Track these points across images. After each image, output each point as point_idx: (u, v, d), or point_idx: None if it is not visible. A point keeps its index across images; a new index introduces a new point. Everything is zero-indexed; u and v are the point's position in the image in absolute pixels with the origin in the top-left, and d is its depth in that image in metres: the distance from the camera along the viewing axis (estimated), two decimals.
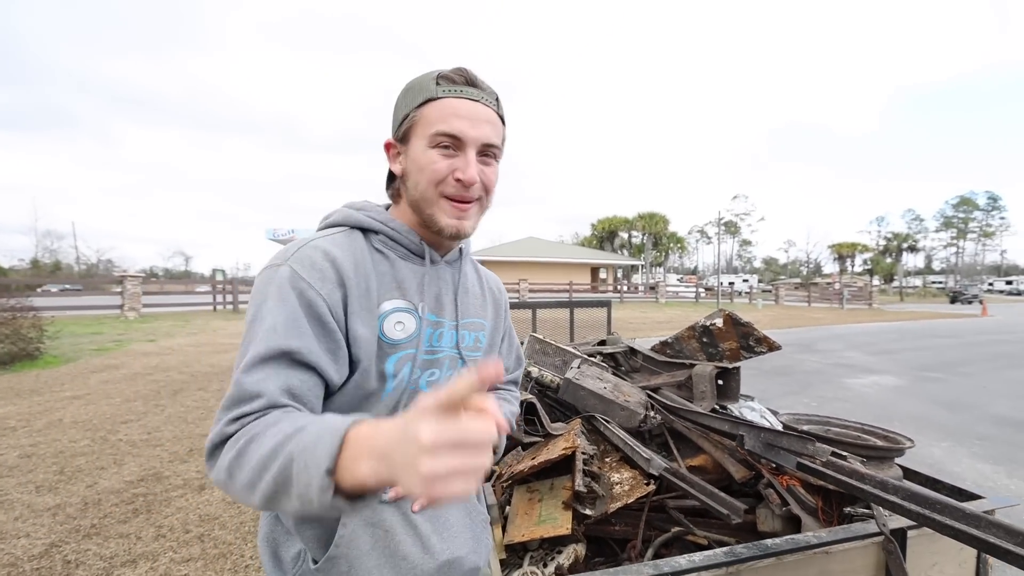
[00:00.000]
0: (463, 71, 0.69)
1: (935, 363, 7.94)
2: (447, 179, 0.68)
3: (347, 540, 0.65)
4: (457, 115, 0.67)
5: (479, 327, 0.82)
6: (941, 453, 3.81)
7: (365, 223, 0.72)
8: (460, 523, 0.76)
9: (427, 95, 0.68)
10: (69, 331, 9.69)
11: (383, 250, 0.72)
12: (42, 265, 53.72)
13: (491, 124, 0.70)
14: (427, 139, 0.68)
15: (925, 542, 1.10)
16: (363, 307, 0.66)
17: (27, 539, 2.41)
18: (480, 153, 0.69)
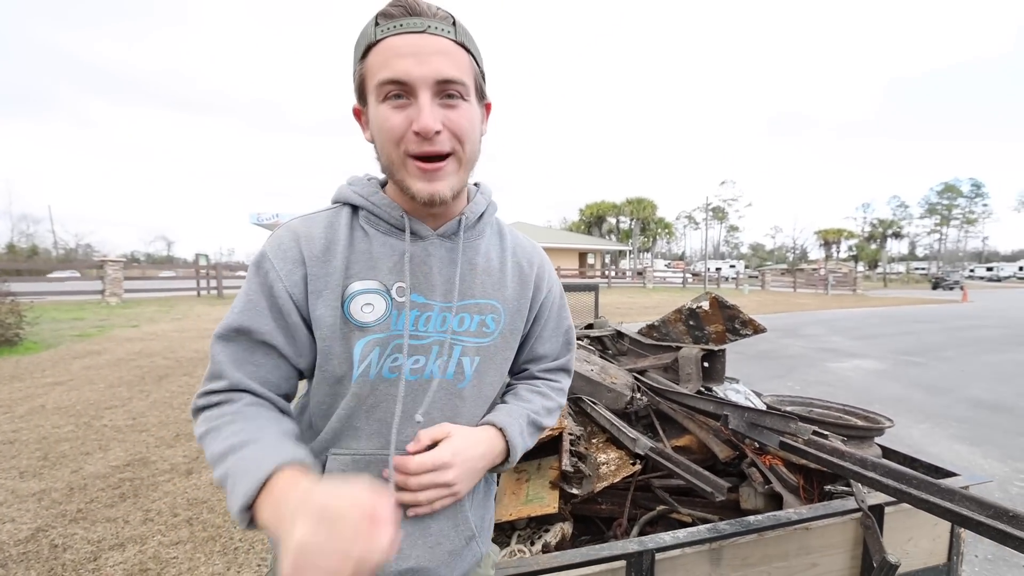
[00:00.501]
0: (403, 2, 0.58)
1: (916, 348, 8.16)
2: (406, 135, 0.59)
3: None
4: (399, 55, 0.57)
5: (489, 309, 0.71)
6: (920, 435, 3.93)
7: (352, 199, 0.68)
8: (441, 536, 0.68)
9: (368, 41, 0.59)
10: (49, 317, 9.48)
11: (366, 227, 0.67)
12: (18, 250, 52.22)
13: (444, 55, 0.58)
14: (376, 93, 0.59)
15: (902, 518, 1.14)
16: (326, 286, 0.64)
17: (12, 524, 2.39)
18: (438, 95, 0.59)
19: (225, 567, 2.10)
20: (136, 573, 2.04)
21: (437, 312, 0.67)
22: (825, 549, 1.09)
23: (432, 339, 0.66)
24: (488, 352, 0.71)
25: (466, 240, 0.71)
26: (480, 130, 0.67)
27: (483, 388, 0.72)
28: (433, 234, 0.68)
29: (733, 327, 2.03)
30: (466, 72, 0.61)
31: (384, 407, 0.65)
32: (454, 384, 0.68)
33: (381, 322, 0.65)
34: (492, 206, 0.77)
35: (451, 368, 0.68)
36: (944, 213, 68.71)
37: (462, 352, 0.68)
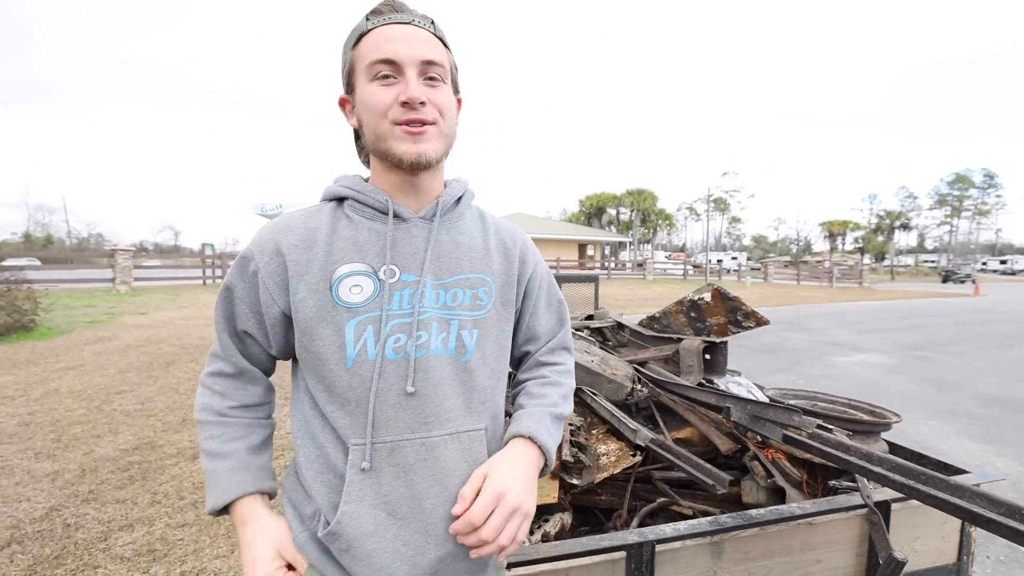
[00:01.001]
0: (389, 1, 0.69)
1: (925, 342, 8.06)
2: (392, 106, 0.65)
3: (349, 517, 0.64)
4: (389, 39, 0.66)
5: (479, 283, 0.73)
6: (929, 431, 3.87)
7: (338, 192, 0.73)
8: None
9: (359, 32, 0.68)
10: (62, 304, 9.62)
11: (351, 215, 0.71)
12: (34, 239, 53.03)
13: (428, 43, 0.67)
14: (366, 75, 0.67)
15: (909, 515, 1.12)
16: (307, 271, 0.67)
17: (28, 503, 2.45)
18: (423, 75, 0.67)
19: (229, 550, 2.14)
20: (144, 553, 2.09)
21: (429, 289, 0.69)
22: (829, 545, 1.08)
23: (429, 315, 0.68)
24: (485, 324, 0.72)
25: (447, 221, 0.75)
26: (456, 115, 0.74)
27: (487, 359, 0.72)
28: (415, 216, 0.72)
29: (735, 319, 2.00)
30: (445, 60, 0.69)
31: (396, 389, 0.65)
32: (458, 358, 0.69)
33: (371, 302, 0.67)
34: (469, 193, 0.80)
35: (452, 342, 0.69)
36: (955, 204, 67.29)
37: (460, 326, 0.70)
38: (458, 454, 0.67)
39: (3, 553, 2.06)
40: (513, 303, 0.78)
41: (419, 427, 0.66)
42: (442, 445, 0.66)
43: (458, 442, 0.68)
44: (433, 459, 0.66)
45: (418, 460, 0.65)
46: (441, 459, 0.66)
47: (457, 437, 0.68)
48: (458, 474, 0.67)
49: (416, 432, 0.66)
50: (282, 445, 3.19)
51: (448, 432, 0.67)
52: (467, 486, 0.64)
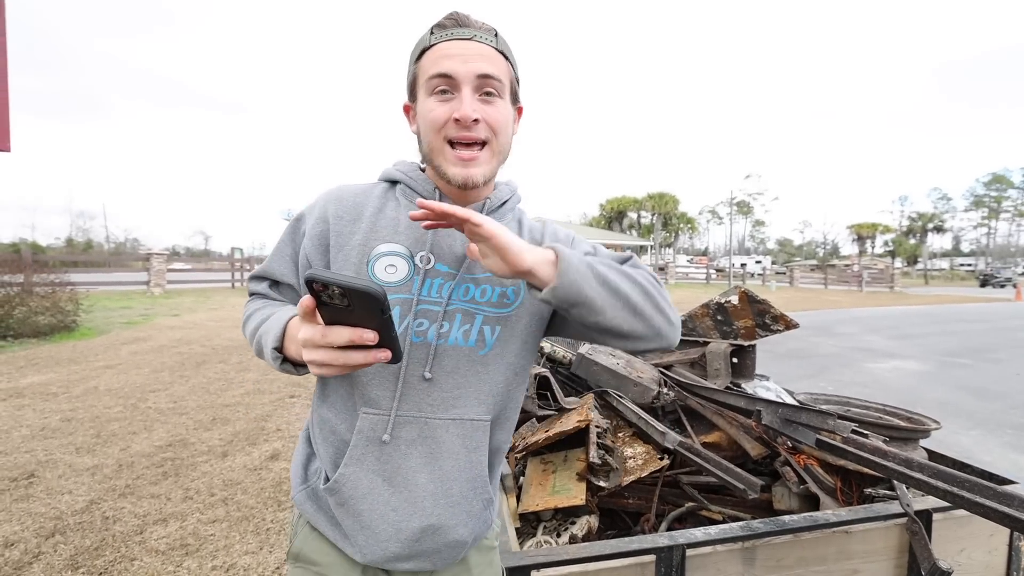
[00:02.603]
0: (454, 15, 0.70)
1: (962, 348, 7.69)
2: (447, 123, 0.67)
3: (346, 478, 0.68)
4: (448, 55, 0.67)
5: (510, 281, 0.74)
6: (970, 442, 3.69)
7: (393, 175, 0.77)
8: (460, 496, 0.71)
9: (423, 46, 0.70)
10: (101, 305, 10.07)
11: (400, 198, 0.75)
12: (75, 244, 55.77)
13: (485, 58, 0.68)
14: (426, 89, 0.69)
15: (952, 526, 1.07)
16: (348, 243, 0.71)
17: (70, 496, 2.57)
18: (479, 91, 0.68)
19: (258, 546, 2.19)
20: (177, 548, 2.16)
21: (459, 282, 0.71)
22: (867, 555, 1.04)
23: (456, 306, 0.70)
24: (509, 322, 0.73)
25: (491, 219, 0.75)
26: (512, 128, 0.75)
27: (505, 355, 0.73)
28: None
29: (763, 322, 1.96)
30: (503, 74, 0.70)
31: (411, 370, 0.69)
32: (476, 351, 0.71)
33: (403, 284, 0.70)
34: (516, 197, 0.82)
35: (473, 336, 0.71)
36: (992, 206, 64.19)
37: (483, 321, 0.71)
38: (458, 439, 0.70)
39: (48, 543, 2.16)
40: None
41: (425, 407, 0.69)
42: (443, 428, 0.69)
43: (460, 428, 0.70)
44: (433, 439, 0.69)
45: (419, 437, 0.69)
46: (440, 440, 0.69)
47: (460, 423, 0.70)
48: (454, 457, 0.70)
49: (422, 412, 0.69)
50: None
51: (452, 417, 0.69)
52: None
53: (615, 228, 59.71)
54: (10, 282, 7.03)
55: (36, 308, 7.04)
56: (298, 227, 0.76)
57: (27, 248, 16.44)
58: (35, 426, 3.53)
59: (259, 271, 0.80)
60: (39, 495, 2.56)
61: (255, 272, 0.81)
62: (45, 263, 9.56)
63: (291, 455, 3.17)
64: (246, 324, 0.77)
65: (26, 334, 6.79)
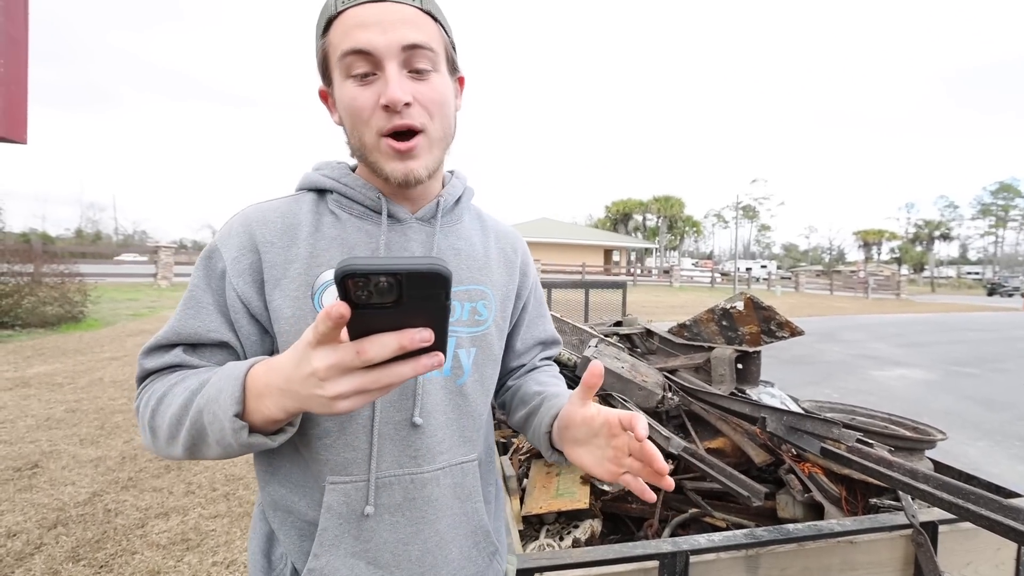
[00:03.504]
0: None
1: (970, 358, 7.62)
2: (374, 111, 0.54)
3: (321, 571, 0.55)
4: (361, 24, 0.53)
5: (479, 295, 0.65)
6: (977, 453, 3.65)
7: (320, 183, 0.63)
8: (464, 558, 0.61)
9: (329, 14, 0.55)
10: (108, 297, 10.17)
11: (336, 211, 0.61)
12: (84, 235, 56.17)
13: (410, 23, 0.54)
14: (340, 69, 0.55)
15: (958, 538, 1.06)
16: (285, 275, 0.57)
17: (73, 487, 2.59)
18: (407, 66, 0.55)
19: None
20: (179, 542, 2.17)
21: None
22: (872, 566, 1.03)
23: None
24: (484, 342, 0.65)
25: (446, 224, 0.66)
26: (454, 105, 0.62)
27: (484, 382, 0.65)
28: (412, 217, 0.63)
29: (768, 329, 1.95)
30: (435, 41, 0.57)
31: (384, 418, 0.57)
32: (453, 380, 0.61)
33: None
34: (469, 191, 0.71)
35: (448, 363, 0.60)
36: (1000, 214, 63.75)
37: (457, 344, 0.61)
38: (450, 490, 0.60)
39: (50, 534, 2.18)
40: (510, 319, 0.72)
41: (408, 462, 0.58)
42: (433, 482, 0.59)
43: (451, 476, 0.60)
44: (423, 498, 0.58)
45: (405, 500, 0.57)
46: (432, 498, 0.58)
47: (450, 471, 0.60)
48: (449, 513, 0.60)
49: (404, 468, 0.57)
50: None
51: (440, 467, 0.59)
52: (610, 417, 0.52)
53: (620, 230, 59.72)
54: (20, 272, 7.10)
55: (44, 298, 7.12)
56: (213, 266, 0.58)
57: (37, 238, 16.58)
58: (40, 416, 3.56)
59: (162, 338, 0.56)
60: (42, 486, 2.59)
61: (152, 343, 0.57)
62: (55, 253, 9.65)
63: None
64: (156, 415, 0.51)
65: (34, 324, 6.86)
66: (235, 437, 0.45)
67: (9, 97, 1.60)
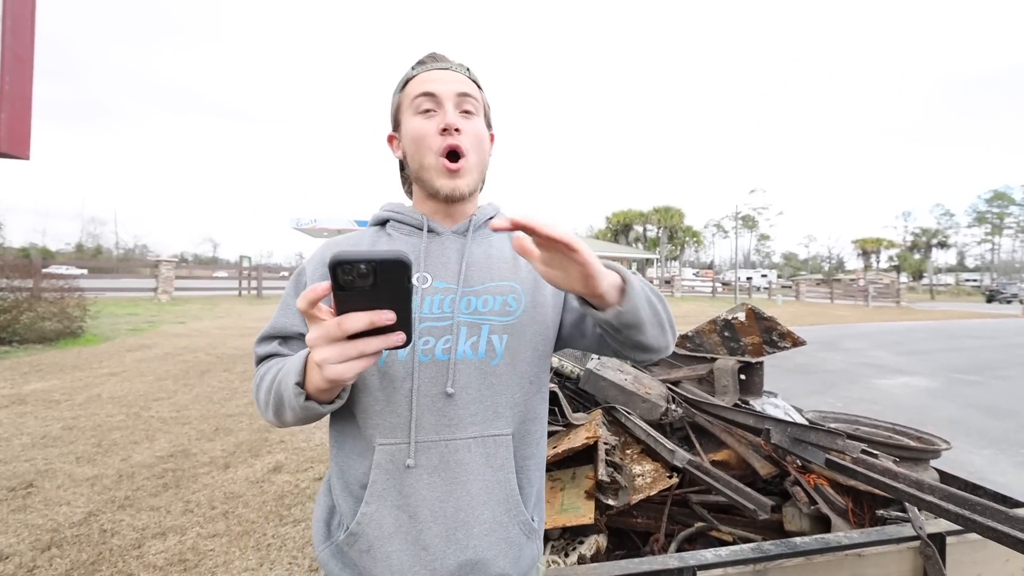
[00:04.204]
0: (433, 54, 0.81)
1: (971, 365, 7.60)
2: (433, 134, 0.73)
3: (369, 518, 0.65)
4: (430, 80, 0.76)
5: (509, 290, 0.76)
6: (982, 461, 3.62)
7: (380, 216, 0.82)
8: (495, 522, 0.68)
9: (406, 78, 0.79)
10: (108, 312, 10.13)
11: (391, 232, 0.80)
12: (85, 249, 56.15)
13: (462, 81, 0.77)
14: (411, 110, 0.76)
15: (966, 549, 1.05)
16: None
17: (68, 507, 2.54)
18: (458, 107, 0.75)
19: (258, 563, 2.16)
20: (176, 563, 2.13)
21: (459, 295, 0.72)
22: None
23: (459, 319, 0.71)
24: (516, 329, 0.73)
25: (477, 236, 0.81)
26: (488, 148, 0.81)
27: (517, 364, 0.73)
28: (448, 231, 0.79)
29: (770, 339, 1.95)
30: (478, 97, 0.78)
31: (423, 390, 0.67)
32: (487, 362, 0.71)
33: None
34: (500, 214, 0.86)
35: (482, 347, 0.71)
36: (995, 222, 64.17)
37: (490, 331, 0.72)
38: (482, 458, 0.68)
39: (43, 556, 2.13)
40: (548, 303, 0.78)
41: (443, 429, 0.67)
42: (465, 448, 0.67)
43: (483, 446, 0.68)
44: (456, 462, 0.67)
45: (441, 462, 0.66)
46: (464, 462, 0.67)
47: (482, 441, 0.68)
48: (481, 478, 0.67)
49: (440, 434, 0.67)
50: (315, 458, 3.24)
51: (472, 436, 0.68)
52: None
53: (621, 241, 59.93)
54: (19, 287, 7.08)
55: (43, 314, 7.08)
56: (300, 280, 0.77)
57: (36, 253, 16.60)
58: (36, 434, 3.52)
59: (266, 332, 0.78)
60: (37, 506, 2.54)
61: (261, 335, 0.78)
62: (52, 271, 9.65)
63: (294, 467, 3.15)
64: (259, 388, 0.70)
65: (32, 340, 6.82)
66: (296, 401, 0.59)
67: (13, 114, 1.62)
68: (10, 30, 1.74)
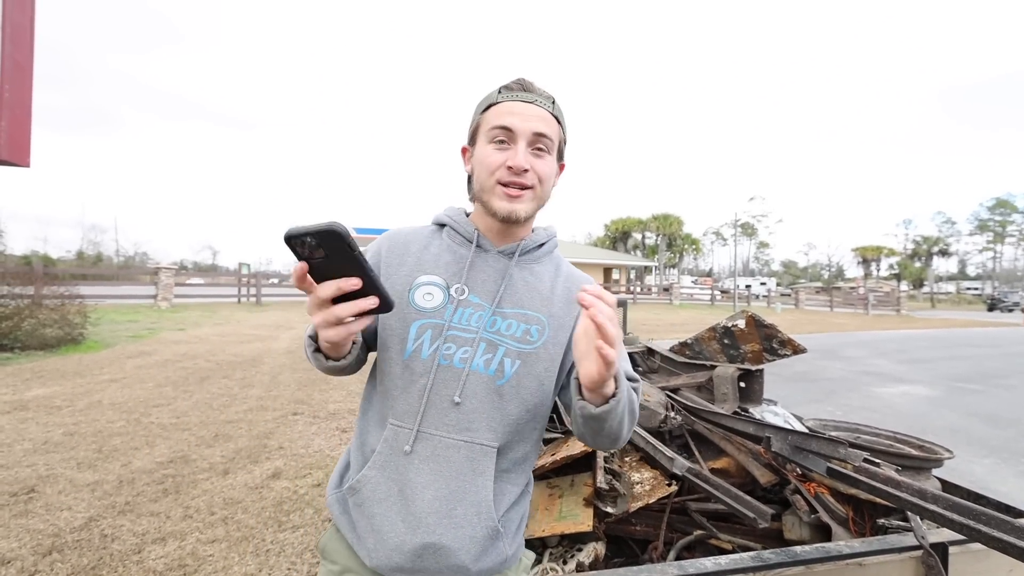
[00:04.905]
0: (521, 80, 0.82)
1: (972, 373, 7.58)
2: (501, 168, 0.77)
3: (368, 480, 0.75)
4: (511, 112, 0.78)
5: (534, 320, 0.80)
6: (983, 470, 3.61)
7: (440, 219, 0.88)
8: (464, 519, 0.72)
9: (489, 102, 0.81)
10: (108, 318, 10.14)
11: (445, 238, 0.85)
12: (86, 256, 56.37)
13: (542, 119, 0.79)
14: (486, 136, 0.79)
15: (969, 560, 1.05)
16: (396, 273, 0.81)
17: (69, 512, 2.54)
18: (532, 145, 0.78)
19: (257, 568, 2.15)
20: (175, 568, 2.12)
21: (488, 314, 0.78)
22: None
23: (480, 335, 0.76)
24: (529, 359, 0.78)
25: (524, 260, 0.85)
26: (554, 180, 0.84)
27: (521, 391, 0.77)
28: (495, 250, 0.83)
29: (771, 347, 1.95)
30: (554, 135, 0.80)
31: (435, 390, 0.74)
32: (494, 380, 0.76)
33: (437, 310, 0.78)
34: (553, 241, 0.91)
35: (494, 365, 0.76)
36: (997, 230, 64.16)
37: (505, 353, 0.77)
38: (467, 461, 0.74)
39: (45, 561, 2.13)
40: (564, 344, 0.81)
41: (442, 427, 0.73)
42: (454, 448, 0.73)
43: (469, 450, 0.74)
44: (445, 458, 0.73)
45: (432, 455, 0.73)
46: (451, 460, 0.73)
47: (470, 446, 0.74)
48: (460, 477, 0.73)
49: (438, 430, 0.73)
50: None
51: (463, 440, 0.74)
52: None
53: (619, 248, 60.01)
54: (20, 294, 7.11)
55: (44, 320, 7.10)
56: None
57: (38, 260, 16.68)
58: (37, 440, 3.52)
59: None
60: (38, 511, 2.54)
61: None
62: (55, 276, 9.70)
63: (293, 474, 3.15)
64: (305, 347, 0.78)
65: (33, 346, 6.83)
66: (307, 352, 0.72)
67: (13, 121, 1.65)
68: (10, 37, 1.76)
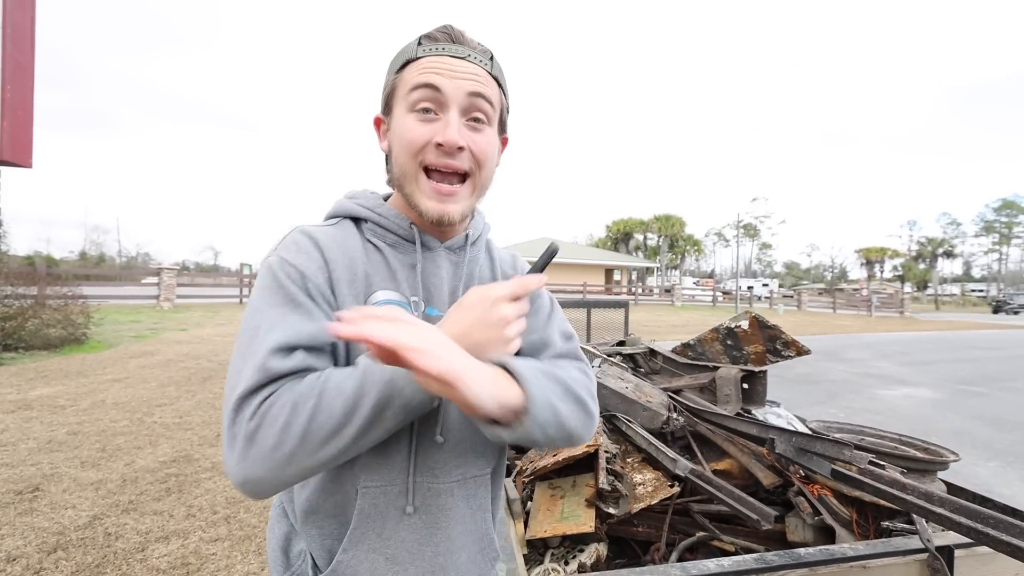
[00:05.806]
0: (448, 28, 0.62)
1: (976, 376, 7.54)
2: (427, 146, 0.59)
3: (345, 565, 0.59)
4: (436, 71, 0.59)
5: None
6: (988, 474, 3.59)
7: (355, 211, 0.67)
8: (470, 563, 0.65)
9: (407, 56, 0.61)
10: (111, 319, 10.19)
11: (373, 240, 0.65)
12: (89, 257, 56.64)
13: (477, 79, 0.60)
14: (406, 103, 0.60)
15: (975, 563, 1.04)
16: (350, 292, 0.61)
17: (73, 510, 2.55)
18: (466, 114, 0.60)
19: (260, 567, 2.16)
20: (178, 566, 2.13)
21: None
22: None
23: None
24: None
25: (469, 255, 0.70)
26: (496, 159, 0.68)
27: None
28: (441, 246, 0.68)
29: (774, 348, 1.94)
30: (495, 98, 0.63)
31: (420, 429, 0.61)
32: None
33: None
34: (487, 227, 0.77)
35: None
36: (1003, 231, 63.81)
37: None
38: (463, 501, 0.65)
39: (50, 559, 2.14)
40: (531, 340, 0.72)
41: (427, 472, 0.62)
42: (448, 493, 0.63)
43: (464, 488, 0.65)
44: (438, 507, 0.62)
45: (423, 505, 0.62)
46: (445, 507, 0.63)
47: (464, 483, 0.65)
48: (461, 522, 0.64)
49: (424, 478, 0.62)
50: None
51: (455, 479, 0.64)
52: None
53: (621, 249, 59.98)
54: (24, 295, 7.15)
55: (48, 320, 7.15)
56: (287, 270, 0.59)
57: (41, 261, 16.78)
58: (42, 439, 3.54)
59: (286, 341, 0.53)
60: (43, 509, 2.56)
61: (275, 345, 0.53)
62: (58, 276, 9.75)
63: None
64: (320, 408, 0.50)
65: (37, 346, 6.87)
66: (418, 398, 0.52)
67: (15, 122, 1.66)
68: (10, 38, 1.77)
